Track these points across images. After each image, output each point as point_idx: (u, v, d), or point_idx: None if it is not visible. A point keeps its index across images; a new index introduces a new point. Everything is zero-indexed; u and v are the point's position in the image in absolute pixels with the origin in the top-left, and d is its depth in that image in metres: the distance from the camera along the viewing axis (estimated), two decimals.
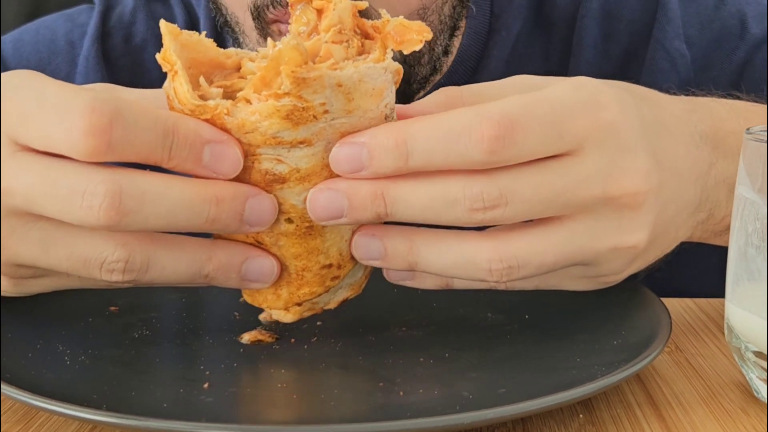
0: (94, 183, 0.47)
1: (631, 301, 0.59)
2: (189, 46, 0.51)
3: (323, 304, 0.56)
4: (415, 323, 0.60)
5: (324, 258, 0.53)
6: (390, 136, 0.49)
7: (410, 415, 0.46)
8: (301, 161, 0.50)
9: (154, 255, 0.50)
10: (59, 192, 0.48)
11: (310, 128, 0.49)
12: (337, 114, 0.49)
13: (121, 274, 0.50)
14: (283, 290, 0.54)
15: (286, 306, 0.55)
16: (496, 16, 0.84)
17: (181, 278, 0.51)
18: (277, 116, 0.48)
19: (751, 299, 0.51)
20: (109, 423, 0.45)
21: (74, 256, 0.50)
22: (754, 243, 0.50)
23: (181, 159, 0.49)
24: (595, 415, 0.51)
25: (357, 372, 0.54)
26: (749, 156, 0.51)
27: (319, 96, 0.48)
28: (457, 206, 0.49)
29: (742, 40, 0.84)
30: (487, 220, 0.50)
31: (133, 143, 0.48)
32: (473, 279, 0.52)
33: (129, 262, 0.50)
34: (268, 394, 0.51)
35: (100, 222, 0.47)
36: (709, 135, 0.59)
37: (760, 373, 0.51)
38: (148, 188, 0.48)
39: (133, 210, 0.47)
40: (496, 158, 0.48)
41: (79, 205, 0.47)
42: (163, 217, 0.48)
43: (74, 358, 0.54)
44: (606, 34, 0.85)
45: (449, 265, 0.52)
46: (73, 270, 0.51)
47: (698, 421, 0.50)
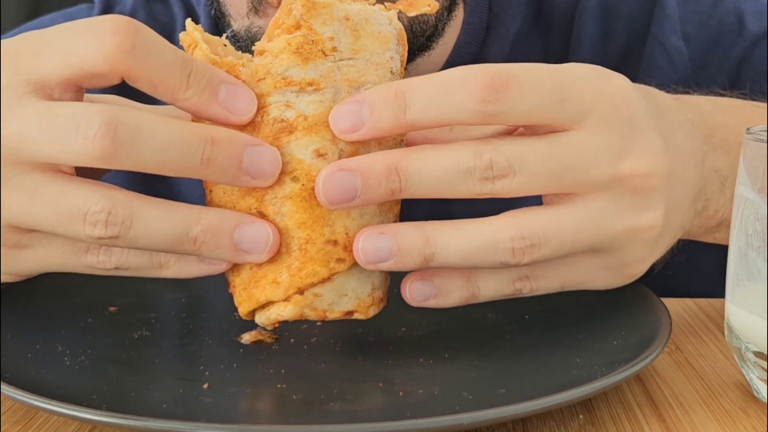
0: (91, 113, 0.47)
1: (631, 301, 0.59)
2: (210, 43, 0.53)
3: (326, 305, 0.53)
4: (415, 323, 0.60)
5: (329, 231, 0.51)
6: (389, 90, 0.50)
7: (410, 415, 0.46)
8: (309, 107, 0.50)
9: (139, 209, 0.49)
10: (55, 124, 0.48)
11: (318, 67, 0.50)
12: (344, 52, 0.51)
13: (103, 227, 0.48)
14: (283, 275, 0.52)
15: (287, 295, 0.52)
16: (494, 14, 0.85)
17: (167, 239, 0.49)
18: (288, 50, 0.50)
19: (752, 299, 0.51)
20: (109, 423, 0.45)
21: (60, 208, 0.49)
22: (754, 243, 0.50)
23: (198, 89, 0.49)
24: (595, 415, 0.51)
25: (357, 372, 0.54)
26: (749, 156, 0.51)
27: (328, 28, 0.50)
28: (469, 176, 0.49)
29: (740, 37, 0.85)
30: (496, 190, 0.49)
31: (156, 55, 0.48)
32: (495, 263, 0.50)
33: (112, 213, 0.48)
34: (268, 394, 0.51)
35: (95, 151, 0.47)
36: (698, 125, 0.59)
37: (760, 373, 0.51)
38: (144, 121, 0.48)
39: (128, 141, 0.47)
40: (490, 108, 0.48)
41: (75, 135, 0.47)
42: (158, 152, 0.48)
43: (74, 358, 0.54)
44: (604, 31, 0.85)
45: (469, 251, 0.50)
46: (59, 225, 0.50)
47: (698, 422, 0.50)
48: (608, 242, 0.52)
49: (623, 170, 0.51)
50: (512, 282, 0.54)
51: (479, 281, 0.53)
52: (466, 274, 0.53)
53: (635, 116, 0.52)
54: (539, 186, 0.50)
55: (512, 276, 0.54)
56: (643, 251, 0.55)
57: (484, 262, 0.51)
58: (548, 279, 0.54)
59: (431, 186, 0.50)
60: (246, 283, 0.53)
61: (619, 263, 0.55)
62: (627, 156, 0.51)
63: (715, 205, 0.60)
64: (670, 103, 0.58)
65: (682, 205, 0.56)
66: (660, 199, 0.53)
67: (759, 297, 0.50)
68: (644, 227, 0.53)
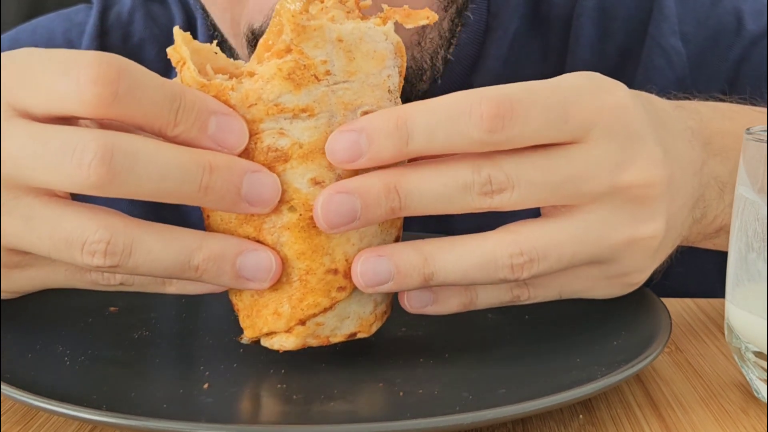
0: (86, 140, 0.46)
1: (631, 301, 0.59)
2: (200, 53, 0.51)
3: (329, 331, 0.53)
4: (415, 323, 0.60)
5: (329, 260, 0.51)
6: (389, 118, 0.48)
7: (410, 415, 0.46)
8: (303, 134, 0.49)
9: (138, 238, 0.48)
10: (50, 150, 0.47)
11: (312, 92, 0.49)
12: (338, 75, 0.49)
13: (102, 257, 0.47)
14: (284, 306, 0.51)
15: (289, 326, 0.51)
16: (493, 15, 0.85)
17: (168, 267, 0.48)
18: (280, 76, 0.48)
19: (752, 300, 0.51)
20: (109, 423, 0.45)
21: (56, 235, 0.48)
22: (754, 243, 0.50)
23: (187, 125, 0.47)
24: (595, 415, 0.51)
25: (357, 372, 0.54)
26: (749, 156, 0.51)
27: (321, 52, 0.48)
28: (468, 191, 0.49)
29: (739, 37, 0.85)
30: (495, 204, 0.49)
31: (140, 99, 0.47)
32: (494, 280, 0.50)
33: (111, 243, 0.47)
34: (268, 394, 0.51)
35: (90, 180, 0.46)
36: (697, 133, 0.59)
37: (760, 374, 0.51)
38: (141, 148, 0.46)
39: (124, 169, 0.46)
40: (496, 138, 0.48)
41: (69, 162, 0.46)
42: (155, 180, 0.46)
43: (74, 358, 0.54)
44: (602, 32, 0.85)
45: (469, 268, 0.50)
46: (56, 251, 0.49)
47: (698, 422, 0.50)
48: (608, 253, 0.52)
49: (623, 181, 0.51)
50: (510, 290, 0.54)
51: (477, 289, 0.54)
52: None
53: (635, 127, 0.52)
54: (538, 199, 0.50)
55: (510, 284, 0.54)
56: (644, 261, 0.54)
57: (483, 279, 0.51)
58: (546, 288, 0.54)
59: (431, 202, 0.49)
60: (249, 310, 0.53)
61: (618, 273, 0.55)
62: (627, 167, 0.51)
63: (714, 211, 0.61)
64: (670, 111, 0.58)
65: (681, 213, 0.56)
66: (661, 209, 0.53)
67: (759, 297, 0.50)
68: (645, 237, 0.53)
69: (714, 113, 0.63)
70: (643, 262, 0.54)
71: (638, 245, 0.53)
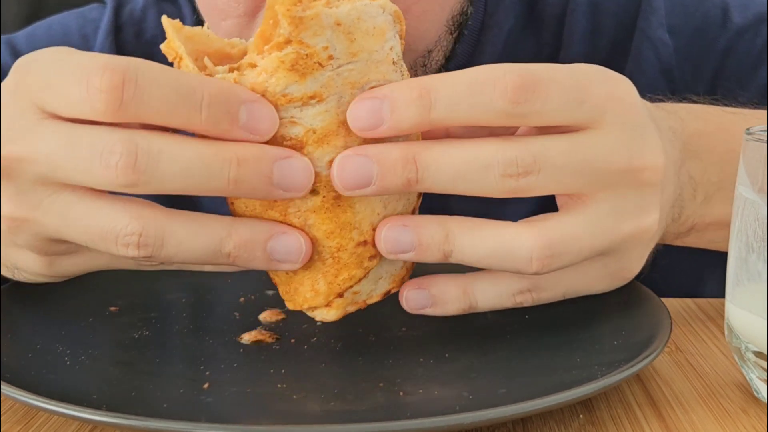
0: (111, 142, 0.47)
1: (631, 301, 0.59)
2: (193, 39, 0.52)
3: (366, 296, 0.53)
4: (415, 323, 0.60)
5: (357, 234, 0.51)
6: (412, 87, 0.49)
7: (410, 415, 0.46)
8: (315, 120, 0.49)
9: (169, 228, 0.49)
10: (79, 153, 0.48)
11: (317, 79, 0.48)
12: (342, 58, 0.49)
13: (136, 249, 0.49)
14: (320, 283, 0.52)
15: (327, 301, 0.52)
16: (489, 14, 0.86)
17: (201, 255, 0.49)
18: (283, 69, 0.48)
19: (751, 299, 0.51)
20: (109, 423, 0.45)
21: (92, 228, 0.50)
22: (754, 243, 0.50)
23: (215, 118, 0.47)
24: (595, 415, 0.51)
25: (357, 372, 0.54)
26: (749, 156, 0.51)
27: (321, 39, 0.48)
28: (490, 171, 0.48)
29: (725, 29, 0.86)
30: (519, 188, 0.49)
31: (149, 100, 0.47)
32: (511, 269, 0.51)
33: (143, 235, 0.48)
34: (268, 394, 0.51)
35: (119, 180, 0.47)
36: (678, 133, 0.61)
37: (760, 373, 0.51)
38: (164, 146, 0.47)
39: (149, 168, 0.47)
40: (519, 109, 0.48)
41: (98, 164, 0.47)
42: (181, 177, 0.47)
43: (74, 358, 0.54)
44: (594, 27, 0.87)
45: (486, 254, 0.50)
46: (93, 243, 0.50)
47: (698, 421, 0.50)
48: (615, 245, 0.53)
49: (636, 164, 0.52)
50: (513, 296, 0.54)
51: (476, 292, 0.54)
52: (463, 284, 0.54)
53: (642, 117, 0.53)
54: (559, 184, 0.50)
55: (513, 289, 0.54)
56: (642, 253, 0.55)
57: (500, 267, 0.51)
58: (552, 290, 0.55)
59: (449, 179, 0.49)
60: (287, 285, 0.54)
61: (618, 267, 0.55)
62: (639, 152, 0.52)
63: (687, 211, 0.62)
64: (654, 111, 0.59)
65: (665, 209, 0.57)
66: (657, 199, 0.53)
67: (759, 297, 0.50)
68: (645, 229, 0.53)
69: (689, 115, 0.64)
70: (640, 254, 0.55)
71: (640, 237, 0.53)
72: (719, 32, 0.86)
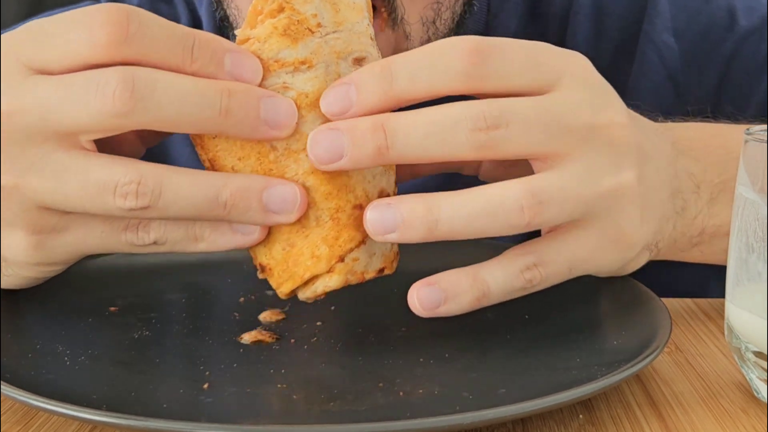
0: (108, 74, 0.48)
1: (631, 301, 0.59)
2: None
3: (363, 267, 0.54)
4: (415, 323, 0.59)
5: (353, 197, 0.52)
6: (374, 66, 0.51)
7: (410, 415, 0.46)
8: (306, 84, 0.52)
9: (167, 178, 0.50)
10: (73, 90, 0.49)
11: (308, 45, 0.52)
12: (329, 26, 0.52)
13: (134, 198, 0.49)
14: (320, 248, 0.52)
15: (329, 266, 0.52)
16: (493, 15, 0.85)
17: (198, 204, 0.50)
18: (276, 34, 0.51)
19: (751, 299, 0.51)
20: (109, 423, 0.45)
21: (88, 183, 0.50)
22: (755, 243, 0.50)
23: (204, 60, 0.50)
24: (595, 415, 0.51)
25: (357, 372, 0.54)
26: (749, 156, 0.51)
27: (310, 6, 0.52)
28: (459, 127, 0.49)
29: (731, 33, 0.85)
30: (490, 142, 0.50)
31: (152, 37, 0.49)
32: (502, 225, 0.51)
33: (141, 183, 0.49)
34: (268, 394, 0.51)
35: (116, 107, 0.48)
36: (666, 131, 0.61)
37: (760, 373, 0.51)
38: (160, 77, 0.49)
39: (147, 94, 0.48)
40: (479, 70, 0.50)
41: (94, 95, 0.48)
42: (176, 104, 0.49)
43: (74, 358, 0.54)
44: (597, 30, 0.86)
45: (475, 214, 0.50)
46: (89, 200, 0.50)
47: (698, 421, 0.50)
48: (600, 203, 0.53)
49: (602, 119, 0.53)
50: (521, 272, 0.54)
51: (486, 277, 0.53)
52: (472, 272, 0.53)
53: (600, 79, 0.55)
54: (530, 142, 0.51)
55: (519, 266, 0.53)
56: (632, 213, 0.55)
57: (491, 225, 0.51)
58: (556, 263, 0.54)
59: (419, 142, 0.50)
60: (284, 263, 0.54)
61: (615, 231, 0.55)
62: (603, 107, 0.54)
63: (694, 208, 0.61)
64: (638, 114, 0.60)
65: (659, 191, 0.58)
66: (633, 158, 0.54)
67: (759, 297, 0.50)
68: (625, 184, 0.54)
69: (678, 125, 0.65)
70: (632, 215, 0.55)
71: (622, 193, 0.54)
72: (725, 35, 0.85)
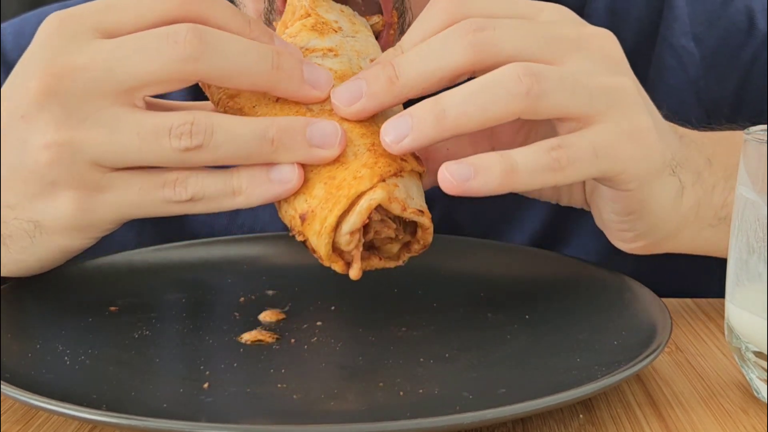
0: (178, 26, 0.53)
1: (631, 301, 0.59)
2: None
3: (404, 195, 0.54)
4: (415, 323, 0.60)
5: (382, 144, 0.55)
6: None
7: (410, 415, 0.46)
8: (334, 65, 0.58)
9: (217, 119, 0.53)
10: (145, 41, 0.53)
11: (333, 39, 0.59)
12: (347, 31, 0.60)
13: (189, 137, 0.52)
14: (361, 171, 0.53)
15: (372, 182, 0.53)
16: None
17: (247, 141, 0.53)
18: (305, 29, 0.59)
19: (751, 299, 0.51)
20: (109, 423, 0.45)
21: (144, 129, 0.53)
22: (755, 244, 0.50)
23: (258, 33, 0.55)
24: (595, 415, 0.51)
25: (357, 372, 0.54)
26: (749, 156, 0.51)
27: (332, 15, 0.60)
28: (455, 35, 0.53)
29: (751, 36, 0.84)
30: (486, 40, 0.53)
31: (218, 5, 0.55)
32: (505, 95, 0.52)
33: (195, 124, 0.52)
34: (268, 394, 0.51)
35: (186, 51, 0.52)
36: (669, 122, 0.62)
37: (760, 373, 0.51)
38: (221, 34, 0.53)
39: (213, 42, 0.52)
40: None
41: (166, 41, 0.52)
42: (238, 55, 0.53)
43: (74, 358, 0.54)
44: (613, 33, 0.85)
45: (477, 91, 0.52)
46: (145, 144, 0.53)
47: (698, 421, 0.50)
48: (602, 97, 0.54)
49: (587, 31, 0.56)
50: (546, 152, 0.53)
51: (513, 154, 0.53)
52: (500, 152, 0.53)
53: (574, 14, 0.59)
54: (520, 42, 0.54)
55: (544, 146, 0.53)
56: (640, 110, 0.56)
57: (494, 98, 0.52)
58: (579, 146, 0.54)
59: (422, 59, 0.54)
60: (327, 196, 0.54)
61: (628, 124, 0.55)
62: (585, 25, 0.57)
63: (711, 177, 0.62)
64: None
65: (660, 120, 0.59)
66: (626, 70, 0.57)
67: (759, 297, 0.50)
68: (624, 85, 0.56)
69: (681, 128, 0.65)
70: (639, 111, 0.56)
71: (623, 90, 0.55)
72: (745, 40, 0.84)
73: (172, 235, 0.76)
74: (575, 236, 0.78)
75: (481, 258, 0.68)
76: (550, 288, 0.64)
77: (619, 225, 0.60)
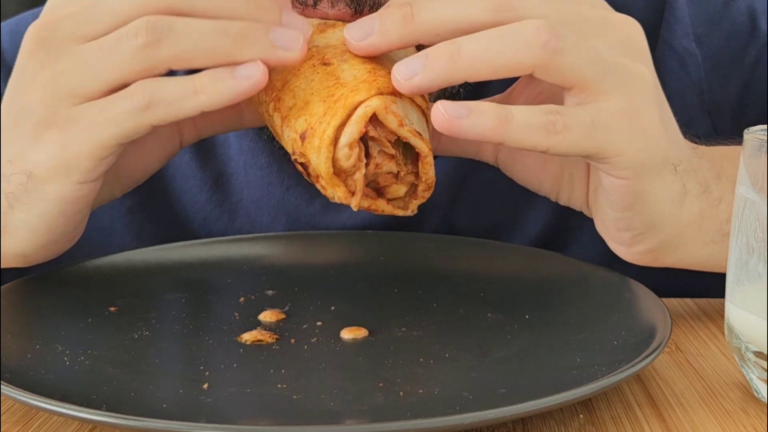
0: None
1: (631, 301, 0.59)
2: None
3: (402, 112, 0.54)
4: (415, 323, 0.60)
5: (385, 73, 0.54)
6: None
7: (410, 415, 0.46)
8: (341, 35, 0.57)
9: (177, 18, 0.53)
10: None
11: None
12: None
13: (145, 33, 0.52)
14: (360, 85, 0.53)
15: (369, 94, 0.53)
16: None
17: (208, 36, 0.53)
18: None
19: (752, 300, 0.51)
20: (109, 423, 0.45)
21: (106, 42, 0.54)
22: (755, 244, 0.50)
23: None
24: (595, 415, 0.51)
25: (357, 372, 0.54)
26: (749, 156, 0.51)
27: None
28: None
29: (753, 37, 0.83)
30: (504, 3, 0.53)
31: None
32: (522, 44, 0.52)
33: (152, 21, 0.53)
34: (268, 394, 0.51)
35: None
36: None
37: (760, 373, 0.51)
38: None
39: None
40: None
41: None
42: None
43: (74, 358, 0.54)
44: None
45: (494, 36, 0.52)
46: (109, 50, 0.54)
47: (698, 421, 0.50)
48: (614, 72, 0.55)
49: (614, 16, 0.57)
50: (543, 113, 0.53)
51: (510, 107, 0.53)
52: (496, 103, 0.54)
53: None
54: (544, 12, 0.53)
55: (542, 108, 0.54)
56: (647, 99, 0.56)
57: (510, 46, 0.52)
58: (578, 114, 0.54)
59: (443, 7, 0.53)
60: (323, 112, 0.53)
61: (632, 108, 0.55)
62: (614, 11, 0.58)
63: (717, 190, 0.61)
64: None
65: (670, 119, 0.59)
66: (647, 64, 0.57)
67: (759, 297, 0.50)
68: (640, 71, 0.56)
69: None
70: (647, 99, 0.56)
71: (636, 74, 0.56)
72: (748, 41, 0.83)
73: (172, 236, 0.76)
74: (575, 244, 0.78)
75: (481, 258, 0.68)
76: (550, 288, 0.64)
77: (617, 223, 0.60)
